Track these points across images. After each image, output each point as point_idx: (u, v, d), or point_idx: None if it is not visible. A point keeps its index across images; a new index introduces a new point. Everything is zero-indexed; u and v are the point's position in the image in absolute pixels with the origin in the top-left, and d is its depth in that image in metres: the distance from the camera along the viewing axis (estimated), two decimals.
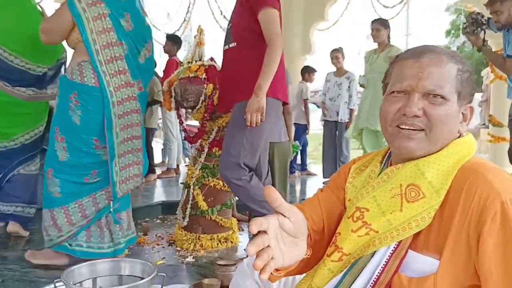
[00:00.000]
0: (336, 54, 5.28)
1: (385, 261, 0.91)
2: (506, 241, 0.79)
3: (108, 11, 2.28)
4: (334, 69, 5.41)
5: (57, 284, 1.41)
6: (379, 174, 1.01)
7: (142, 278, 1.41)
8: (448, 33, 22.11)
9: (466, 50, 18.70)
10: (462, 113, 0.96)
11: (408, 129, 0.93)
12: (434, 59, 0.93)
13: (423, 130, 0.92)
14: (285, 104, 2.52)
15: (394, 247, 0.91)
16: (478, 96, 8.94)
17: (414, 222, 0.89)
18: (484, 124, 8.37)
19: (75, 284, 1.38)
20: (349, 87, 5.30)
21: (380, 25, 4.15)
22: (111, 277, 1.49)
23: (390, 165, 1.01)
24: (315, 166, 6.87)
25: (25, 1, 2.75)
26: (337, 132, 5.33)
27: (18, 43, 2.63)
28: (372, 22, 4.23)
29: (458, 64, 0.94)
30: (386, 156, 1.06)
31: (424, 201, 0.89)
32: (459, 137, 0.97)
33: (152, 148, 5.62)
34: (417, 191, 0.90)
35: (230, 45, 2.41)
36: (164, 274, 1.52)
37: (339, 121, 5.27)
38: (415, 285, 0.87)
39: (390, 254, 0.91)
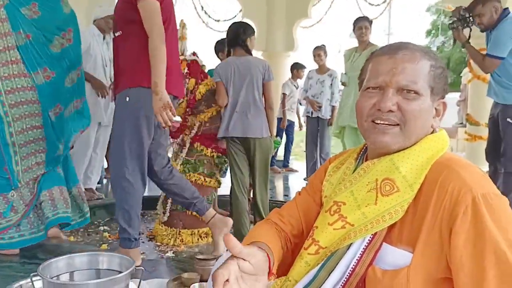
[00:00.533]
0: (318, 52, 5.29)
1: (360, 254, 0.92)
2: (477, 234, 0.81)
3: (6, 1, 2.34)
4: (316, 66, 5.44)
5: (33, 278, 1.39)
6: (354, 170, 1.03)
7: (120, 272, 1.40)
8: (428, 33, 22.44)
9: (446, 50, 19.02)
10: (435, 108, 0.99)
11: (383, 123, 0.95)
12: (408, 55, 0.95)
13: (398, 124, 0.94)
14: (176, 98, 2.42)
15: (368, 240, 0.93)
16: (456, 96, 9.09)
17: (387, 215, 0.91)
18: (461, 123, 8.51)
19: (52, 278, 1.37)
20: (331, 84, 5.33)
21: (368, 23, 4.14)
22: (89, 271, 1.47)
23: (366, 160, 1.02)
24: (297, 162, 6.91)
25: None
26: (318, 128, 5.37)
27: None
28: (359, 19, 4.16)
29: (431, 60, 0.96)
30: (361, 153, 1.08)
31: (398, 194, 0.91)
32: (432, 132, 0.99)
33: None
34: (391, 185, 0.92)
35: (116, 34, 2.38)
36: (143, 268, 1.51)
37: (321, 117, 5.31)
38: (389, 277, 0.88)
39: (365, 247, 0.92)
